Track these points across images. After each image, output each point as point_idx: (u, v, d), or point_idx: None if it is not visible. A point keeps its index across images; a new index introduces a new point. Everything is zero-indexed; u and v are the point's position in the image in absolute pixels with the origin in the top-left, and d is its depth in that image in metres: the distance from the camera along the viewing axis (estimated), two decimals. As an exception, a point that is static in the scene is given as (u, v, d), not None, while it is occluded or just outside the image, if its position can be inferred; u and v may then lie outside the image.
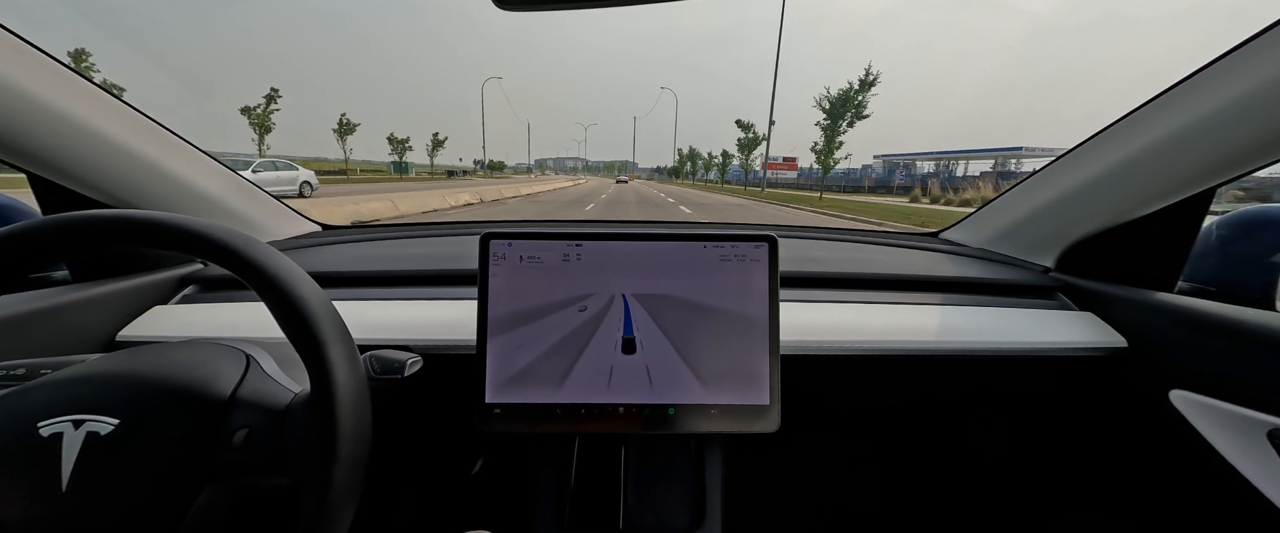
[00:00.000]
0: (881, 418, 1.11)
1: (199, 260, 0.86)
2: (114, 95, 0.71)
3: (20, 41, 0.60)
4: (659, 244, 0.60)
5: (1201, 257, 0.75)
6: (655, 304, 0.59)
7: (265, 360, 0.50)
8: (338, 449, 0.39)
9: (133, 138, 0.72)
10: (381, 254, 0.95)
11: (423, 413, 0.84)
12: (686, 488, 0.69)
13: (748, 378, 0.58)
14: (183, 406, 0.41)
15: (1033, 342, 0.74)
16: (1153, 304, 0.72)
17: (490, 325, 0.58)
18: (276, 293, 0.39)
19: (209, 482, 0.41)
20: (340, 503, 0.39)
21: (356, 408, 0.41)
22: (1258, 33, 0.56)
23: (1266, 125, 0.57)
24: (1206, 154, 0.63)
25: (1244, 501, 0.59)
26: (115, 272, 0.74)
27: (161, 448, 0.39)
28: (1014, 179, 2.56)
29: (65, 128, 0.64)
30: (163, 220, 0.40)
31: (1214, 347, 0.64)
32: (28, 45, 0.61)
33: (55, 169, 0.66)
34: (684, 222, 1.50)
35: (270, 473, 0.42)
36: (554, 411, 0.58)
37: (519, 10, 0.51)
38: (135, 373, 0.42)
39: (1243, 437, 0.60)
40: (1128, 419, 0.78)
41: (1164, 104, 0.67)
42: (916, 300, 0.80)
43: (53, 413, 0.38)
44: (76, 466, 0.36)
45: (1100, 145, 0.78)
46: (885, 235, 1.20)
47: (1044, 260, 0.93)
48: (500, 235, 0.59)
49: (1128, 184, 0.74)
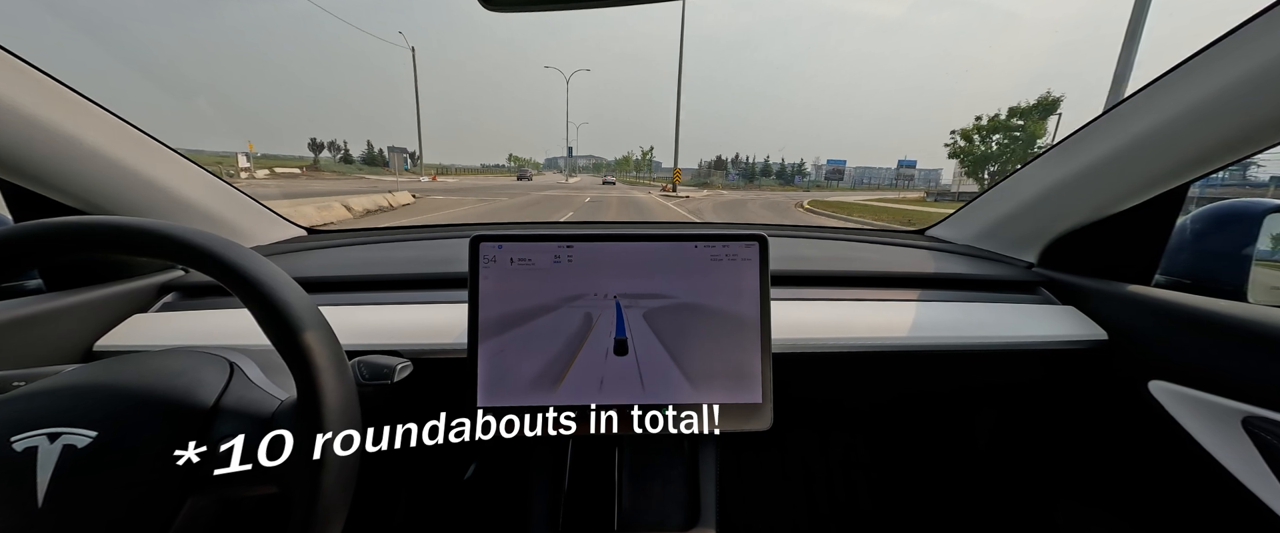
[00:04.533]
0: (872, 413, 1.12)
1: (180, 267, 0.84)
2: (88, 98, 0.69)
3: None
4: (650, 245, 0.60)
5: (1177, 251, 0.77)
6: (647, 305, 0.59)
7: (250, 368, 0.48)
8: (325, 457, 0.38)
9: (108, 141, 0.70)
10: (369, 258, 0.94)
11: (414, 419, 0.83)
12: (681, 487, 0.70)
13: (740, 377, 0.59)
14: (164, 416, 0.40)
15: (1016, 336, 0.75)
16: (1131, 298, 0.74)
17: (481, 329, 0.58)
18: (260, 298, 0.39)
19: (192, 493, 0.40)
20: (329, 511, 0.39)
21: (345, 414, 0.40)
22: (1222, 36, 0.58)
23: (1233, 125, 0.59)
24: (1179, 152, 0.65)
25: (1220, 486, 0.61)
26: (92, 280, 0.72)
27: (142, 460, 0.38)
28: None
29: (37, 132, 0.62)
30: (140, 226, 0.39)
31: (1190, 338, 0.66)
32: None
33: (27, 175, 0.64)
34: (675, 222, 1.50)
35: (256, 483, 0.41)
36: (546, 413, 0.57)
37: (506, 11, 0.50)
38: (113, 383, 0.41)
39: (1219, 425, 0.62)
40: (1109, 410, 0.80)
41: (1138, 104, 0.69)
42: (904, 297, 0.82)
43: (26, 426, 0.36)
44: (52, 480, 0.35)
45: (1079, 143, 0.80)
46: (873, 233, 1.21)
47: (1027, 256, 0.95)
48: (490, 237, 0.59)
49: (1105, 181, 0.76)
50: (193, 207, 0.85)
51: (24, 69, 0.61)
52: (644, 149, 54.32)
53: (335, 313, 0.69)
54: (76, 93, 0.67)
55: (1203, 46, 0.60)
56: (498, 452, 1.01)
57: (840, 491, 1.15)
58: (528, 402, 0.57)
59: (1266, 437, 0.57)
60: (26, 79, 0.61)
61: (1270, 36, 0.53)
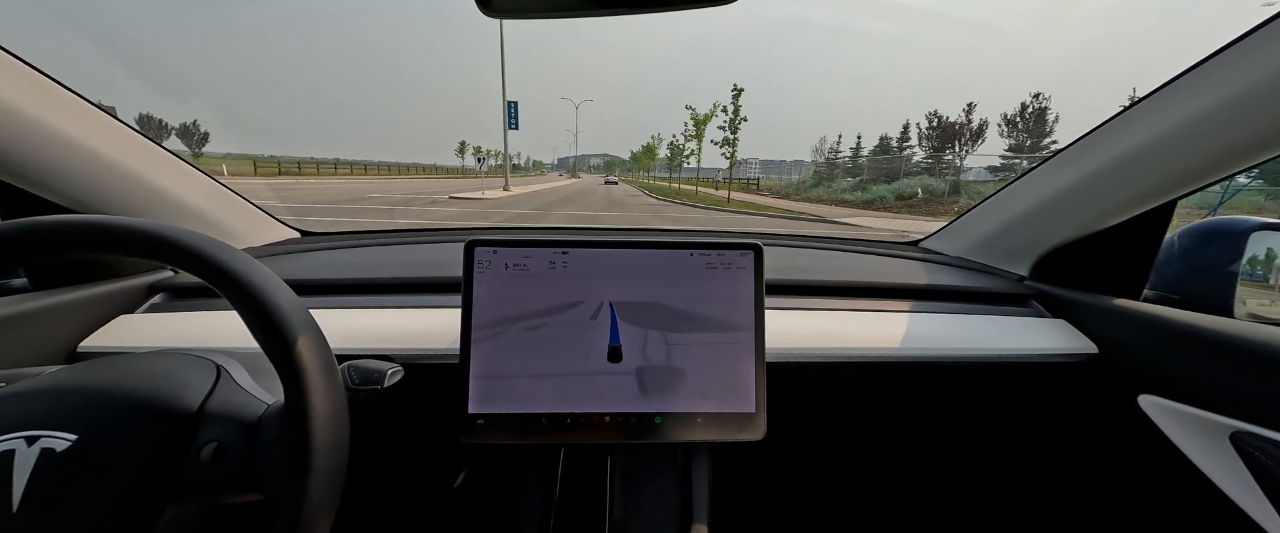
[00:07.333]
0: (864, 424, 1.12)
1: (168, 267, 0.83)
2: (78, 94, 0.69)
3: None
4: (645, 252, 0.60)
5: (1165, 265, 0.78)
6: (641, 312, 0.59)
7: (237, 371, 0.48)
8: (312, 462, 0.37)
9: (97, 140, 0.70)
10: (362, 262, 0.93)
11: (404, 425, 0.82)
12: (673, 497, 0.69)
13: (734, 386, 0.58)
14: (146, 419, 0.39)
15: (1008, 349, 0.76)
16: (1121, 312, 0.75)
17: (474, 334, 0.57)
18: (248, 300, 0.38)
19: (174, 500, 0.39)
20: (314, 518, 0.38)
21: (333, 419, 0.39)
22: (1211, 54, 0.59)
23: (1222, 141, 0.60)
24: (1168, 168, 0.66)
25: (1208, 501, 0.61)
26: (78, 279, 0.71)
27: (123, 465, 0.37)
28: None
29: (25, 129, 0.61)
30: (128, 225, 0.38)
31: (1179, 353, 0.66)
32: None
33: (13, 172, 0.63)
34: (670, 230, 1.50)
35: (240, 489, 0.40)
36: (539, 421, 0.57)
37: (504, 17, 0.51)
38: (95, 386, 0.40)
39: (1207, 440, 0.62)
40: (1099, 423, 0.81)
41: (1128, 120, 0.70)
42: (897, 308, 0.82)
43: (3, 429, 0.36)
44: (29, 484, 0.34)
45: (1070, 159, 0.81)
46: (867, 244, 1.22)
47: (1019, 269, 0.96)
48: (485, 242, 0.59)
49: (1096, 196, 0.77)
50: (184, 207, 0.84)
51: (10, 62, 0.61)
52: (689, 126, 29.30)
53: (326, 316, 0.69)
54: (67, 89, 0.67)
55: (1192, 64, 0.61)
56: (488, 459, 1.00)
57: (831, 502, 1.15)
58: (519, 409, 0.57)
59: (1254, 452, 0.58)
60: (13, 74, 0.61)
61: (1259, 54, 0.54)
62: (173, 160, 0.83)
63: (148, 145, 0.79)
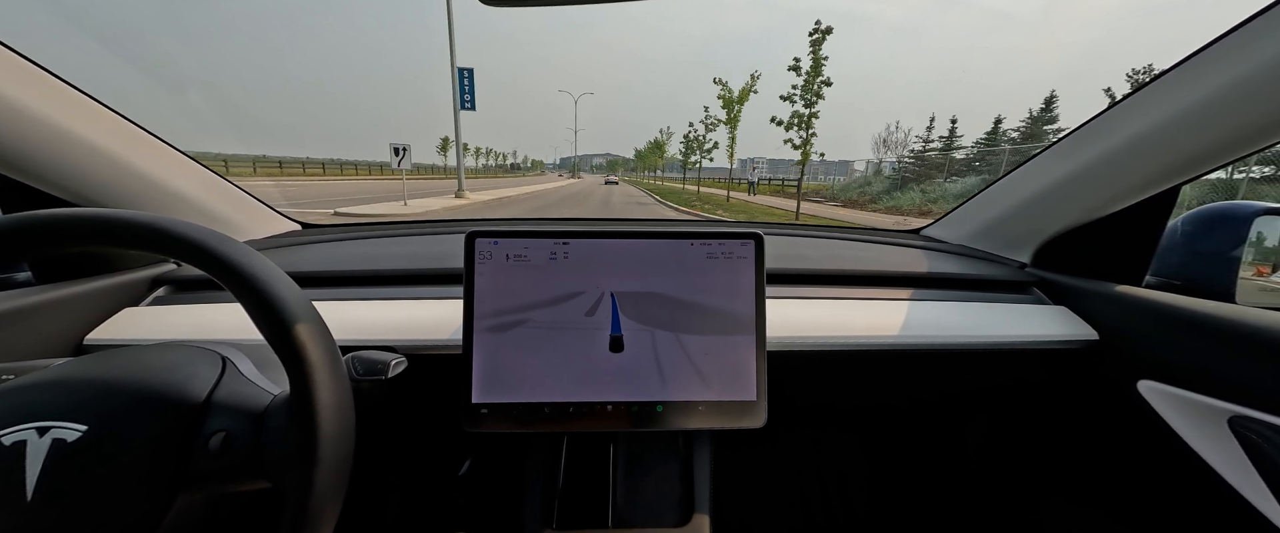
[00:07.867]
0: (865, 411, 1.13)
1: (171, 261, 0.83)
2: (78, 88, 0.68)
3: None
4: (646, 242, 0.60)
5: (1167, 252, 0.78)
6: (643, 302, 0.59)
7: (242, 363, 0.48)
8: (319, 452, 0.38)
9: (99, 133, 0.69)
10: (363, 253, 0.94)
11: (408, 415, 0.83)
12: (675, 484, 0.70)
13: (735, 374, 0.59)
14: (154, 410, 0.40)
15: (1009, 335, 0.76)
16: (1122, 298, 0.75)
17: (476, 325, 0.57)
18: (252, 292, 0.38)
19: (183, 489, 0.39)
20: (322, 507, 0.39)
21: (338, 409, 0.40)
22: (1214, 40, 0.59)
23: (1225, 128, 0.59)
24: (1170, 154, 0.66)
25: (1206, 485, 0.62)
26: (82, 273, 0.71)
27: (132, 455, 0.38)
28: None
29: (27, 122, 0.61)
30: (131, 219, 0.38)
31: (1179, 339, 0.66)
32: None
33: (16, 166, 0.63)
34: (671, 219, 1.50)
35: (248, 478, 0.41)
36: (542, 410, 0.58)
37: (503, 5, 0.50)
38: (104, 377, 0.41)
39: (1206, 425, 0.63)
40: (1099, 409, 0.81)
41: (1131, 107, 0.70)
42: (899, 296, 0.82)
43: (14, 420, 0.36)
44: (42, 474, 0.35)
45: (1072, 145, 0.80)
46: (869, 233, 1.22)
47: (1020, 256, 0.96)
48: (486, 234, 0.59)
49: (1098, 182, 0.77)
50: (185, 200, 0.84)
51: (11, 57, 0.60)
52: (709, 114, 23.92)
53: (329, 308, 0.69)
54: (66, 83, 0.66)
55: (1195, 50, 0.61)
56: (492, 448, 1.02)
57: (833, 489, 1.16)
58: (522, 398, 0.57)
59: (1252, 436, 0.58)
60: (13, 67, 0.61)
61: (1262, 41, 0.54)
62: (173, 153, 0.83)
63: (147, 138, 0.78)
